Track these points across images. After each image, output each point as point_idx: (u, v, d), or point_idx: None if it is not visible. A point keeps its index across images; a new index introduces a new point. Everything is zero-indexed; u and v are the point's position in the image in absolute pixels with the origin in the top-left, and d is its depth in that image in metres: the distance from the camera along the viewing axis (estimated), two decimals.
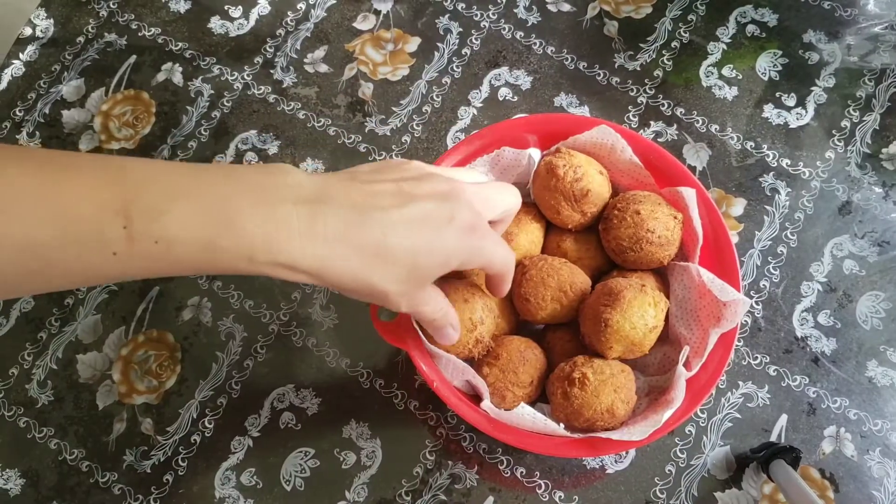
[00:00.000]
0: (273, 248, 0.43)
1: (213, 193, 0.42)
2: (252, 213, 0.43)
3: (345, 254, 0.45)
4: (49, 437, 0.87)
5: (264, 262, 0.43)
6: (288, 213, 0.44)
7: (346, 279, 0.46)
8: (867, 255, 0.91)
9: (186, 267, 0.42)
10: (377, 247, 0.46)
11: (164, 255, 0.40)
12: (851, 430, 0.84)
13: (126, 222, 0.39)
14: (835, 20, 1.05)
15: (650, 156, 0.79)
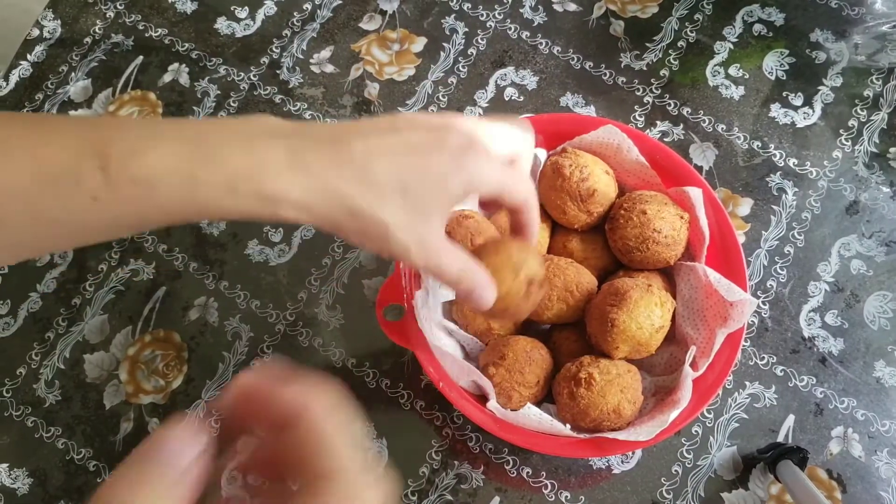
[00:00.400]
0: (255, 177, 0.41)
1: (190, 131, 0.42)
2: (233, 146, 0.41)
3: (331, 184, 0.43)
4: (56, 436, 0.87)
5: (248, 194, 0.41)
6: (269, 145, 0.42)
7: (336, 210, 0.43)
8: (875, 255, 0.91)
9: (169, 208, 0.40)
10: (363, 173, 0.43)
11: (144, 195, 0.39)
12: (859, 431, 0.84)
13: (103, 163, 0.38)
14: (842, 19, 1.04)
15: (656, 155, 0.79)
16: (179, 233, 0.96)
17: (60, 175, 0.38)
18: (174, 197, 0.40)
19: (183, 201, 0.40)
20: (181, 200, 0.40)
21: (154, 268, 0.94)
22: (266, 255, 0.94)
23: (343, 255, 0.93)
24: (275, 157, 0.42)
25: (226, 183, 0.40)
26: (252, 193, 0.41)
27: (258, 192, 0.41)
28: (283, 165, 0.42)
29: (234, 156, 0.41)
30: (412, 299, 0.74)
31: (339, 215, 0.43)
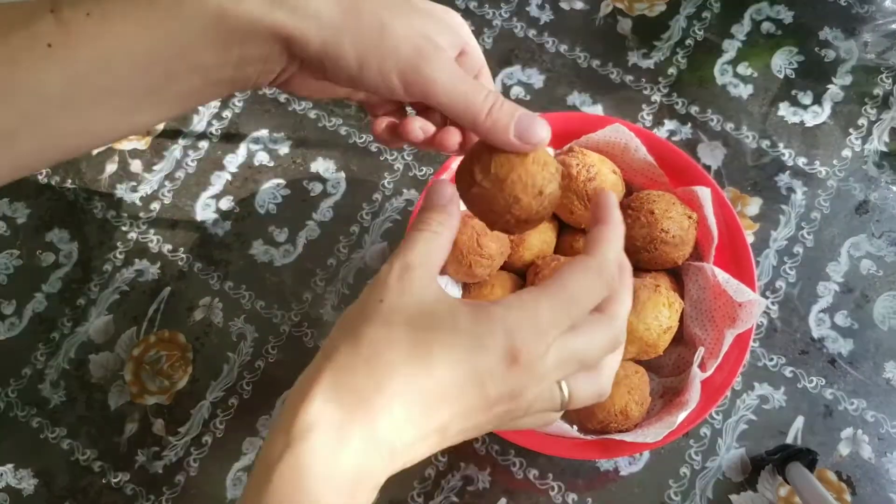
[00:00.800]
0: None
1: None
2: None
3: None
4: (61, 437, 0.87)
5: (244, 6, 0.35)
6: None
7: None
8: (885, 255, 0.90)
9: (134, 44, 0.36)
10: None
11: (101, 30, 0.35)
12: (869, 432, 0.83)
13: (54, 7, 0.35)
14: (851, 17, 1.03)
15: (664, 155, 0.79)
16: (184, 233, 0.95)
17: (15, 30, 0.35)
18: (135, 26, 0.35)
19: (147, 31, 0.35)
20: (145, 31, 0.35)
21: (159, 268, 0.94)
22: (271, 256, 0.94)
23: (349, 255, 0.93)
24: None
25: (194, 11, 0.36)
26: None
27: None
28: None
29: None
30: None
31: (333, 22, 0.36)
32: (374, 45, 0.36)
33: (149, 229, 0.96)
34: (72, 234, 0.96)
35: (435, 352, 0.34)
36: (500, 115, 0.38)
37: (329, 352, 0.36)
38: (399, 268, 0.36)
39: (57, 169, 1.00)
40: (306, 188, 0.97)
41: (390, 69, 0.37)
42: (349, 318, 0.37)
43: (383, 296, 0.36)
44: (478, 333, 0.35)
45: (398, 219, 0.94)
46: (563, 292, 0.36)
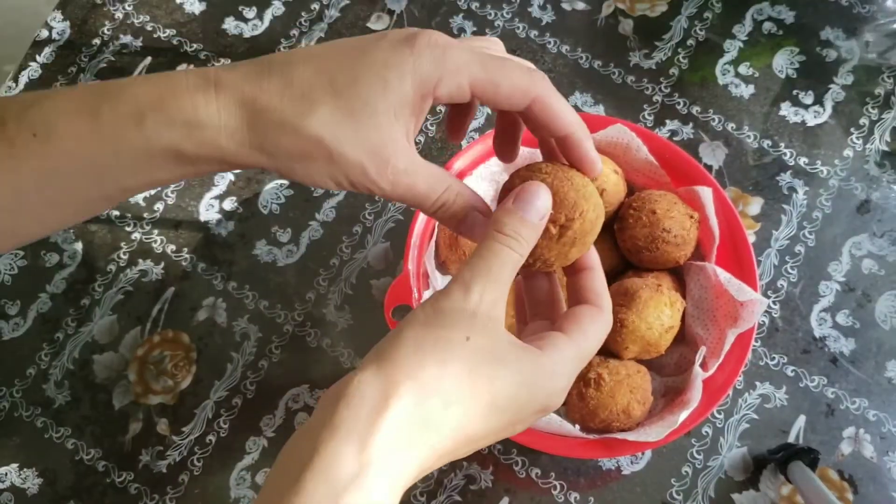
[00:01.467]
0: (165, 101, 0.35)
1: (94, 85, 0.37)
2: (139, 82, 0.36)
3: (248, 96, 0.36)
4: (66, 437, 0.88)
5: (158, 123, 0.35)
6: (179, 74, 0.37)
7: (260, 130, 0.36)
8: (887, 255, 0.90)
9: (77, 159, 0.36)
10: (284, 80, 0.36)
11: (47, 149, 0.35)
12: (871, 432, 0.83)
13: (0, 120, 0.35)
14: (853, 17, 1.03)
15: (666, 154, 0.79)
16: (188, 233, 0.96)
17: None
18: (76, 139, 0.35)
19: (85, 143, 0.35)
20: (84, 143, 0.35)
21: (162, 268, 0.94)
22: (274, 256, 0.94)
23: (351, 255, 0.93)
24: (185, 82, 0.36)
25: (132, 114, 0.35)
26: (162, 121, 0.35)
27: (170, 119, 0.35)
28: (194, 87, 0.36)
29: (141, 87, 0.36)
30: (420, 300, 0.74)
31: (267, 135, 0.36)
32: (324, 170, 0.37)
33: (152, 230, 0.96)
34: (76, 234, 0.97)
35: (500, 404, 0.35)
36: (443, 217, 0.41)
37: (402, 379, 0.34)
38: (489, 301, 0.36)
39: None
40: (309, 188, 0.97)
41: (343, 184, 0.38)
42: (428, 343, 0.35)
43: (471, 332, 0.35)
44: (534, 391, 0.37)
45: (400, 219, 0.95)
46: (586, 343, 0.39)
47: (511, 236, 0.37)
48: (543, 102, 0.39)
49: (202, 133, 0.36)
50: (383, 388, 0.33)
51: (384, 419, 0.32)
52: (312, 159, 0.36)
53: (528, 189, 0.38)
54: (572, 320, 0.39)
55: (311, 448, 0.32)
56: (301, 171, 0.37)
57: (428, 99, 0.38)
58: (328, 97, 0.36)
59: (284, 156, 0.37)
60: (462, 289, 0.36)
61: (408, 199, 0.39)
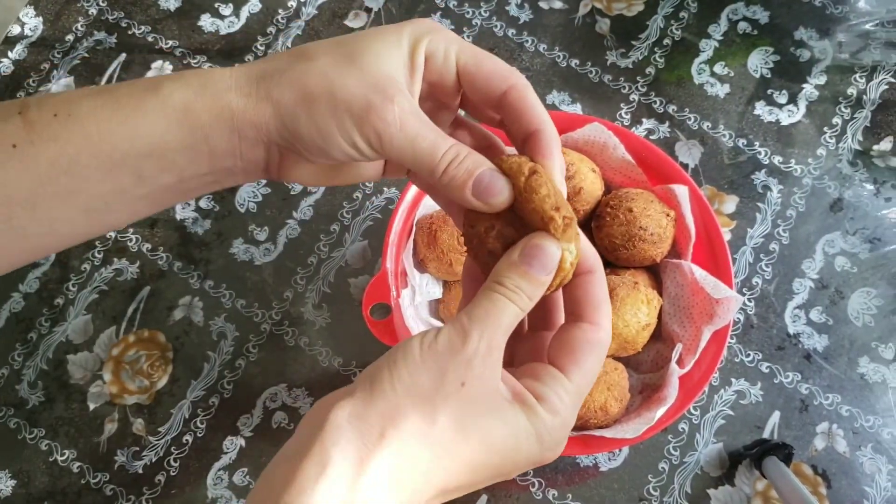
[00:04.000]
0: (183, 74, 0.36)
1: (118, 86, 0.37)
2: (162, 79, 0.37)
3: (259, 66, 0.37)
4: (40, 437, 0.87)
5: (174, 84, 0.36)
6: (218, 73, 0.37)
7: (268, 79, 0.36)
8: (859, 252, 0.92)
9: (99, 144, 0.35)
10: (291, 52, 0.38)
11: (66, 131, 0.35)
12: (843, 427, 0.85)
13: (22, 109, 0.35)
14: (826, 17, 1.05)
15: (642, 153, 0.79)
16: (164, 232, 0.95)
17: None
18: (99, 121, 0.35)
19: (108, 123, 0.35)
20: (107, 122, 0.35)
21: (138, 267, 0.93)
22: (251, 254, 0.93)
23: (329, 253, 0.93)
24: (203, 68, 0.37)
25: (150, 85, 0.36)
26: (178, 85, 0.36)
27: (184, 82, 0.36)
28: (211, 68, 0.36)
29: (164, 83, 0.36)
30: (399, 298, 0.74)
31: (272, 84, 0.36)
32: (329, 112, 0.35)
33: (128, 228, 0.95)
34: None
35: (493, 459, 0.34)
36: (456, 173, 0.36)
37: (395, 417, 0.32)
38: (486, 347, 0.34)
39: None
40: (286, 186, 0.97)
41: (349, 130, 0.35)
42: (420, 386, 0.33)
43: (466, 378, 0.33)
44: (530, 445, 0.35)
45: (378, 217, 0.94)
46: (585, 380, 0.37)
47: (512, 290, 0.35)
48: (520, 91, 0.38)
49: (213, 89, 0.36)
50: (371, 430, 0.32)
51: (371, 464, 0.31)
52: (316, 101, 0.35)
53: (537, 245, 0.36)
54: (569, 353, 0.36)
55: (296, 488, 0.31)
56: (305, 120, 0.35)
57: (421, 55, 0.37)
58: (331, 49, 0.37)
59: (289, 102, 0.36)
60: (460, 334, 0.34)
61: (417, 153, 0.36)
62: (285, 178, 0.40)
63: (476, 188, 0.36)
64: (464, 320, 0.34)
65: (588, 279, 0.39)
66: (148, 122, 0.36)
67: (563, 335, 0.37)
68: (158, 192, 0.38)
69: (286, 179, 0.40)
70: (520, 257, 0.35)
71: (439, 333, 0.34)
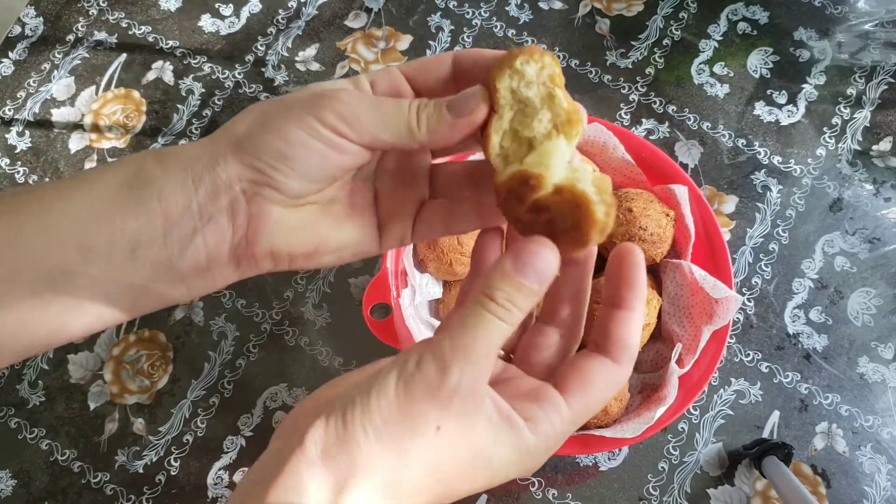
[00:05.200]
0: (151, 151, 0.35)
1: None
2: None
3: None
4: (40, 437, 0.87)
5: (154, 159, 0.34)
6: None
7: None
8: (858, 252, 0.92)
9: (39, 215, 0.34)
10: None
11: (13, 202, 0.34)
12: (843, 427, 0.85)
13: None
14: (825, 17, 1.05)
15: (642, 153, 0.79)
16: None
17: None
18: (43, 207, 0.34)
19: (52, 209, 0.33)
20: (50, 208, 0.33)
21: None
22: None
23: None
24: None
25: (100, 174, 0.35)
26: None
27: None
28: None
29: (110, 164, 0.36)
30: (399, 298, 0.74)
31: (237, 130, 0.35)
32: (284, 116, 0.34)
33: None
34: None
35: (464, 488, 0.33)
36: (429, 112, 0.35)
37: (364, 466, 0.31)
38: (468, 385, 0.31)
39: (35, 168, 0.99)
40: None
41: (312, 125, 0.33)
42: (392, 429, 0.31)
43: (442, 422, 0.31)
44: (510, 466, 0.33)
45: None
46: (585, 412, 0.35)
47: (503, 306, 0.32)
48: (463, 52, 0.37)
49: (161, 152, 0.35)
50: (342, 473, 0.31)
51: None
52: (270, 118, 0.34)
53: (531, 249, 0.32)
54: (579, 383, 0.35)
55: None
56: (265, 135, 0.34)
57: (365, 83, 0.37)
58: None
59: (243, 129, 0.34)
60: (440, 368, 0.31)
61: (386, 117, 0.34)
62: (260, 249, 0.36)
63: (452, 109, 0.34)
64: (445, 348, 0.31)
65: (627, 315, 0.36)
66: (94, 189, 0.34)
67: (581, 362, 0.35)
68: (109, 275, 0.34)
69: (262, 251, 0.36)
70: (512, 266, 0.32)
71: (419, 366, 0.31)
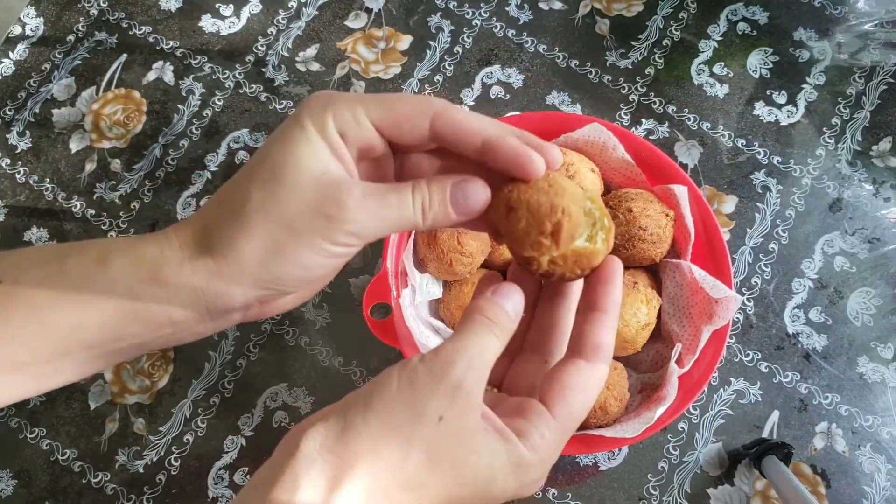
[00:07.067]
0: (154, 255, 0.35)
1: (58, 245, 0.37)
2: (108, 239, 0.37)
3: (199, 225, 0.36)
4: (41, 437, 0.87)
5: (159, 283, 0.35)
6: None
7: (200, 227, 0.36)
8: (858, 252, 0.92)
9: (45, 316, 0.35)
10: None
11: (12, 291, 0.34)
12: (843, 426, 0.85)
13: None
14: (825, 18, 1.05)
15: (642, 153, 0.79)
16: None
17: None
18: (45, 286, 0.35)
19: (56, 310, 0.35)
20: (54, 288, 0.35)
21: None
22: None
23: None
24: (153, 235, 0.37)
25: (99, 254, 0.35)
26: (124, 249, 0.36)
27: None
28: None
29: (113, 259, 0.36)
30: (399, 298, 0.74)
31: (246, 259, 0.35)
32: (298, 244, 0.34)
33: (129, 228, 0.96)
34: (51, 233, 0.96)
35: (464, 493, 0.34)
36: (435, 213, 0.36)
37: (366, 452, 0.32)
38: (472, 380, 0.33)
39: (35, 168, 0.99)
40: None
41: (324, 247, 0.35)
42: (396, 418, 0.32)
43: (445, 412, 0.33)
44: (506, 481, 0.34)
45: None
46: (572, 420, 0.36)
47: (493, 319, 0.35)
48: (444, 116, 0.36)
49: (167, 269, 0.35)
50: (341, 464, 0.31)
51: (340, 496, 0.31)
52: (279, 245, 0.34)
53: (505, 288, 0.37)
54: (558, 390, 0.36)
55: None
56: (280, 264, 0.35)
57: (334, 135, 0.35)
58: (254, 180, 0.35)
59: (253, 259, 0.35)
60: (443, 362, 0.33)
61: (393, 223, 0.36)
62: (268, 314, 0.39)
63: (457, 209, 0.37)
64: (448, 351, 0.34)
65: (598, 317, 0.38)
66: (94, 313, 0.35)
67: (557, 371, 0.37)
68: (111, 354, 0.37)
69: (269, 314, 0.40)
70: (494, 294, 0.36)
71: (420, 363, 0.33)
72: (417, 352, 0.71)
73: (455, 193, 0.36)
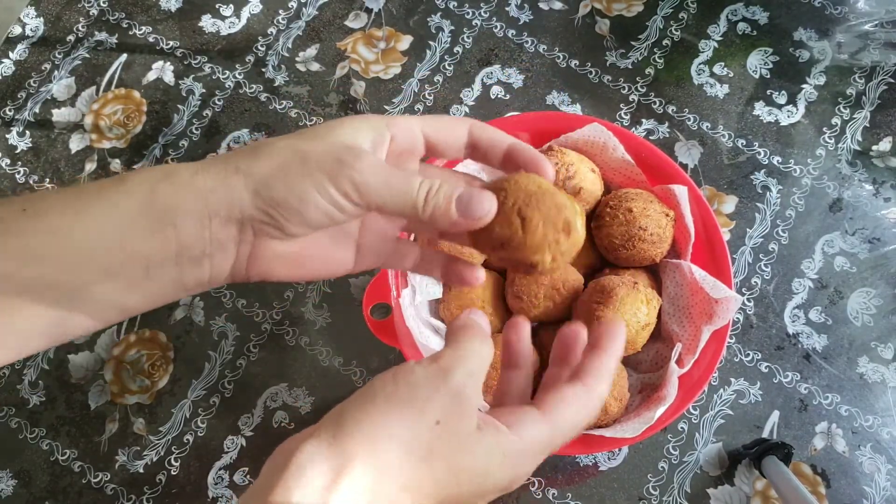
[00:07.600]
0: (169, 168, 0.37)
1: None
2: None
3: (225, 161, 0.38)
4: (41, 437, 0.87)
5: (171, 183, 0.36)
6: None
7: (235, 158, 0.37)
8: (858, 252, 0.92)
9: (65, 238, 0.35)
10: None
11: (34, 225, 0.35)
12: (843, 426, 0.85)
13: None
14: (825, 18, 1.05)
15: (642, 153, 0.79)
16: None
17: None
18: (65, 216, 0.35)
19: (73, 228, 0.35)
20: (71, 228, 0.35)
21: None
22: None
23: None
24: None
25: (116, 180, 0.36)
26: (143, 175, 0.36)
27: (150, 174, 0.36)
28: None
29: (129, 176, 0.37)
30: (399, 298, 0.74)
31: (240, 162, 0.36)
32: (302, 173, 0.36)
33: None
34: None
35: (461, 490, 0.34)
36: (437, 200, 0.37)
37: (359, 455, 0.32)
38: (474, 385, 0.35)
39: (35, 168, 0.99)
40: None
41: (326, 187, 0.35)
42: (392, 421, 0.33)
43: (442, 416, 0.33)
44: (497, 475, 0.35)
45: None
46: (563, 424, 0.37)
47: (485, 332, 0.38)
48: (479, 126, 0.42)
49: (179, 176, 0.36)
50: (337, 465, 0.32)
51: (338, 496, 0.31)
52: (288, 167, 0.36)
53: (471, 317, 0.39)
54: (550, 400, 0.37)
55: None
56: (281, 185, 0.36)
57: (386, 133, 0.39)
58: (295, 133, 0.38)
59: (261, 172, 0.36)
60: (443, 367, 0.35)
61: (394, 192, 0.36)
62: (255, 271, 0.39)
63: (460, 208, 0.37)
64: (447, 356, 0.35)
65: (601, 354, 0.39)
66: (112, 213, 0.35)
67: (556, 387, 0.38)
68: (124, 290, 0.37)
69: (256, 273, 0.39)
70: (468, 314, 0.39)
71: (420, 368, 0.34)
72: (417, 351, 0.72)
73: (463, 194, 0.37)
